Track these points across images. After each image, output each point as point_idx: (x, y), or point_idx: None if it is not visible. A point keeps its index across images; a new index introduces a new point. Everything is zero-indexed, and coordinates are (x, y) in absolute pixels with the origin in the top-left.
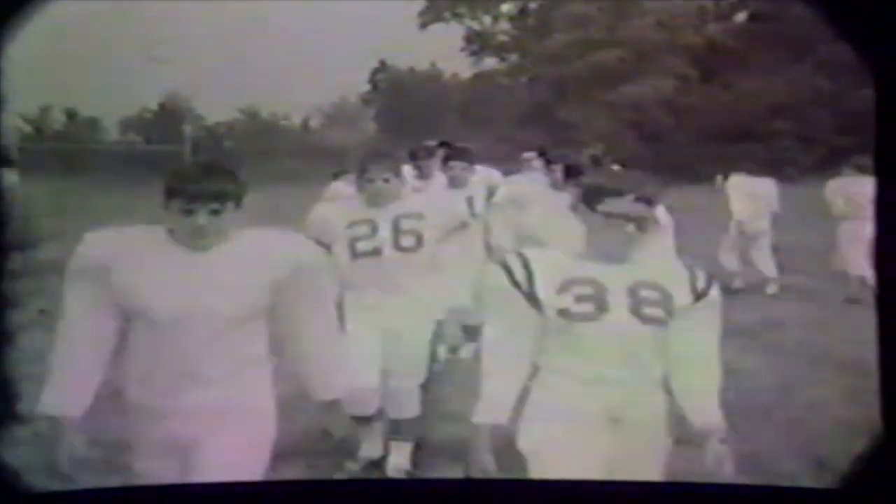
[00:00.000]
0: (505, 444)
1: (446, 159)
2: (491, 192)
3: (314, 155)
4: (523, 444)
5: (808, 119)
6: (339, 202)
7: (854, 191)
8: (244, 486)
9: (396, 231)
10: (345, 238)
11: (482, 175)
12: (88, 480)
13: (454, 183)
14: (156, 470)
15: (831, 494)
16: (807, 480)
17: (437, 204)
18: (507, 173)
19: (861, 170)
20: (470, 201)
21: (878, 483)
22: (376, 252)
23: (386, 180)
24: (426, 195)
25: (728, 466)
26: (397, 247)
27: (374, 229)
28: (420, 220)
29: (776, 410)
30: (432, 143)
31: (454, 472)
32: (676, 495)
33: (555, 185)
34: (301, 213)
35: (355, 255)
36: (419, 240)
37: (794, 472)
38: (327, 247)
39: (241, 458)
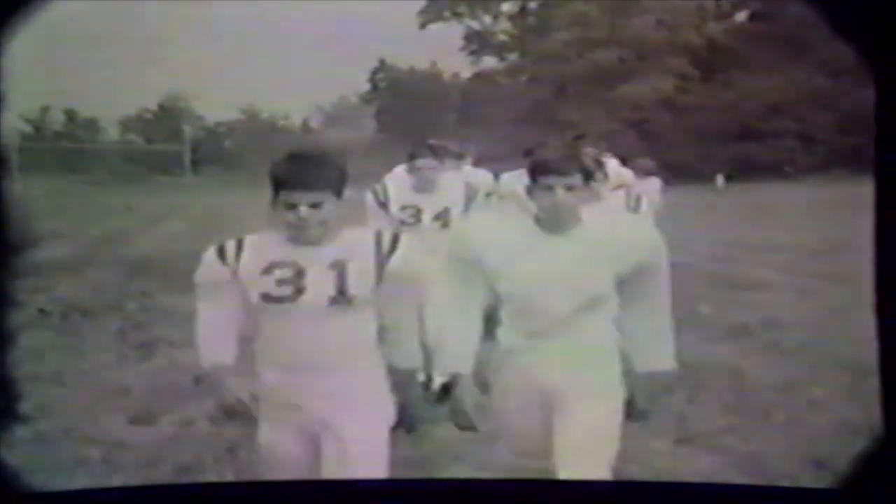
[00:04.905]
0: None
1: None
2: (445, 222)
3: None
4: None
5: (808, 118)
6: None
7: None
8: (244, 486)
9: None
10: None
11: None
12: (88, 480)
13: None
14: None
15: (831, 494)
16: (807, 480)
17: None
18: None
19: None
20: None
21: (878, 483)
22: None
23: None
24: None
25: None
26: None
27: None
28: None
29: (776, 410)
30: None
31: None
32: (676, 495)
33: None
34: None
35: None
36: None
37: (794, 472)
38: None
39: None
